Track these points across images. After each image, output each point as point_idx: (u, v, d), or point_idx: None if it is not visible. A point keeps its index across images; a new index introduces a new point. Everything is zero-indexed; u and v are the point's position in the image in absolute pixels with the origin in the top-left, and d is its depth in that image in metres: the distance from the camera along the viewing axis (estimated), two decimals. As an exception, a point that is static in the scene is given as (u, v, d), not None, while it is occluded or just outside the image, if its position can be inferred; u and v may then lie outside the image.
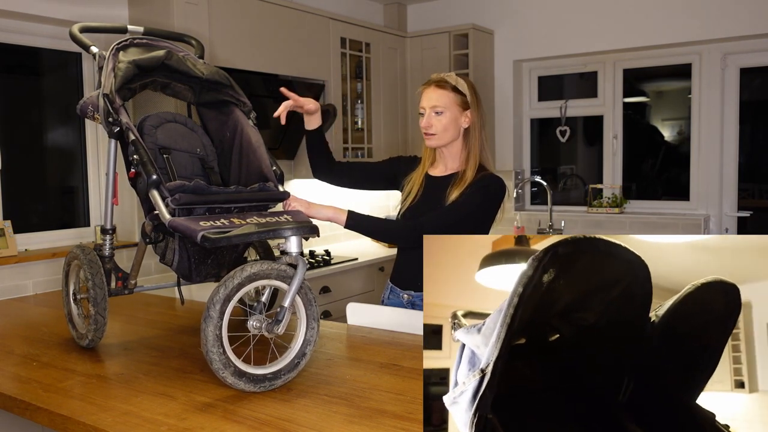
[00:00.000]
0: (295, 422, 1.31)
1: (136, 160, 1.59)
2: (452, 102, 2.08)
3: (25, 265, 2.78)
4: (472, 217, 2.03)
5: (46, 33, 2.98)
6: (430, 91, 2.10)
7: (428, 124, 2.09)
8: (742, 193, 4.09)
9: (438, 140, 2.11)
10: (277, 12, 3.50)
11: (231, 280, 1.43)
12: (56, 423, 1.39)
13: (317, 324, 1.57)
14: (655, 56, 4.23)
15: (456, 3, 4.71)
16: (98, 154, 3.21)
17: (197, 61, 1.90)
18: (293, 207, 1.89)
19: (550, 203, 4.38)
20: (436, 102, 2.08)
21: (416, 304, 2.14)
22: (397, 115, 4.42)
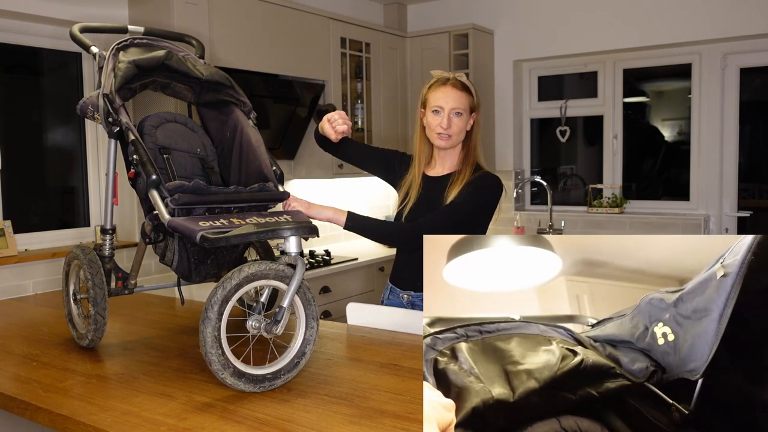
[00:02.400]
0: (295, 422, 1.31)
1: (135, 160, 1.59)
2: (469, 105, 2.06)
3: (25, 265, 2.78)
4: (470, 217, 2.03)
5: (46, 33, 2.98)
6: (449, 90, 2.05)
7: (448, 125, 2.04)
8: (742, 193, 4.09)
9: (452, 142, 2.07)
10: (277, 12, 3.50)
11: (229, 281, 1.43)
12: (56, 423, 1.39)
13: (317, 323, 1.56)
14: (655, 56, 4.23)
15: (456, 3, 4.71)
16: (98, 154, 3.21)
17: (197, 61, 1.90)
18: (293, 207, 1.89)
19: (550, 203, 4.38)
20: (457, 104, 2.03)
21: (416, 304, 2.13)
22: (397, 115, 4.42)
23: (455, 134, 2.06)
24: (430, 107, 2.08)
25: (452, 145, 2.08)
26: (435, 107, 2.06)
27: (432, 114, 2.07)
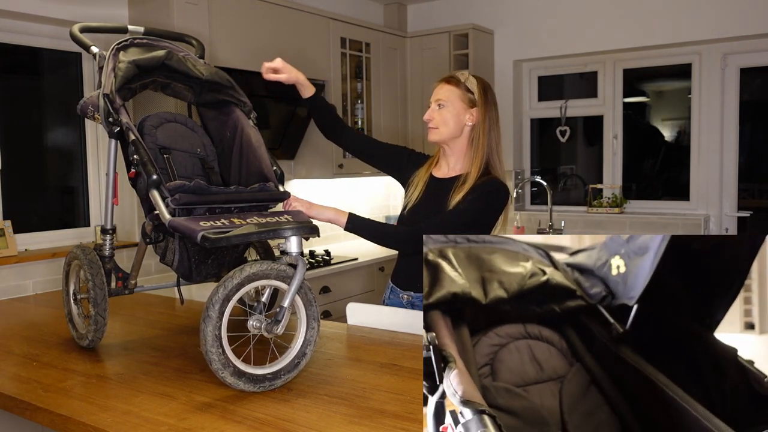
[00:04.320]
0: (295, 422, 1.31)
1: (136, 160, 1.59)
2: (456, 97, 2.06)
3: (25, 265, 2.78)
4: (472, 224, 1.98)
5: (46, 33, 2.98)
6: (439, 86, 2.10)
7: (429, 117, 2.08)
8: (742, 193, 4.09)
9: (438, 134, 2.07)
10: (277, 12, 3.50)
11: (230, 280, 1.43)
12: (56, 423, 1.39)
13: (317, 324, 1.56)
14: (655, 56, 4.23)
15: (456, 3, 4.71)
16: (98, 154, 3.21)
17: (197, 61, 1.90)
18: (294, 207, 1.89)
19: (550, 203, 4.38)
20: (440, 95, 2.07)
21: (416, 304, 2.13)
22: (397, 115, 4.42)
23: (440, 125, 2.06)
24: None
25: (440, 138, 2.08)
26: (428, 104, 2.12)
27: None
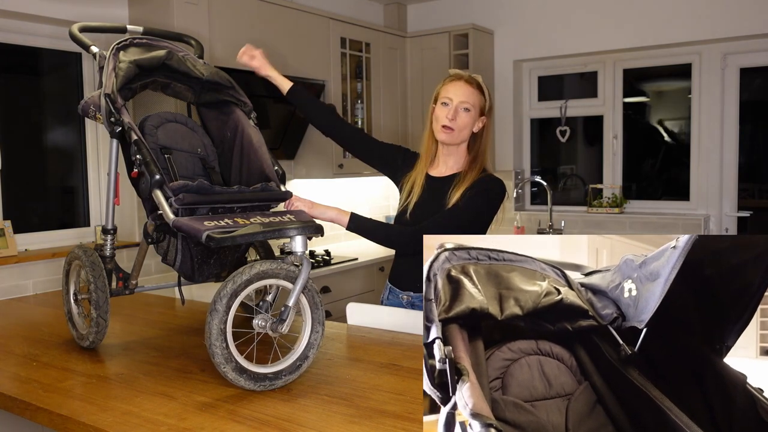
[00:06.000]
0: (295, 422, 1.31)
1: (138, 160, 1.59)
2: (478, 103, 2.03)
3: (25, 265, 2.78)
4: (473, 221, 2.00)
5: (46, 33, 2.98)
6: (462, 85, 2.02)
7: (453, 117, 2.00)
8: (742, 193, 4.09)
9: (454, 137, 2.03)
10: (277, 12, 3.50)
11: (240, 275, 1.44)
12: (56, 423, 1.39)
13: (322, 327, 1.56)
14: (655, 56, 4.23)
15: (456, 3, 4.71)
16: (98, 154, 3.21)
17: (197, 61, 1.90)
18: (296, 207, 1.89)
19: (550, 203, 4.38)
20: (467, 98, 2.01)
21: (416, 304, 2.13)
22: (397, 115, 4.42)
23: (459, 129, 2.02)
24: (440, 100, 2.05)
25: (454, 140, 2.05)
26: (444, 99, 2.03)
27: (440, 106, 2.04)
